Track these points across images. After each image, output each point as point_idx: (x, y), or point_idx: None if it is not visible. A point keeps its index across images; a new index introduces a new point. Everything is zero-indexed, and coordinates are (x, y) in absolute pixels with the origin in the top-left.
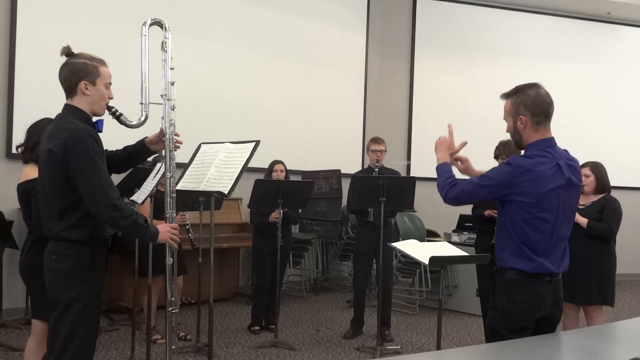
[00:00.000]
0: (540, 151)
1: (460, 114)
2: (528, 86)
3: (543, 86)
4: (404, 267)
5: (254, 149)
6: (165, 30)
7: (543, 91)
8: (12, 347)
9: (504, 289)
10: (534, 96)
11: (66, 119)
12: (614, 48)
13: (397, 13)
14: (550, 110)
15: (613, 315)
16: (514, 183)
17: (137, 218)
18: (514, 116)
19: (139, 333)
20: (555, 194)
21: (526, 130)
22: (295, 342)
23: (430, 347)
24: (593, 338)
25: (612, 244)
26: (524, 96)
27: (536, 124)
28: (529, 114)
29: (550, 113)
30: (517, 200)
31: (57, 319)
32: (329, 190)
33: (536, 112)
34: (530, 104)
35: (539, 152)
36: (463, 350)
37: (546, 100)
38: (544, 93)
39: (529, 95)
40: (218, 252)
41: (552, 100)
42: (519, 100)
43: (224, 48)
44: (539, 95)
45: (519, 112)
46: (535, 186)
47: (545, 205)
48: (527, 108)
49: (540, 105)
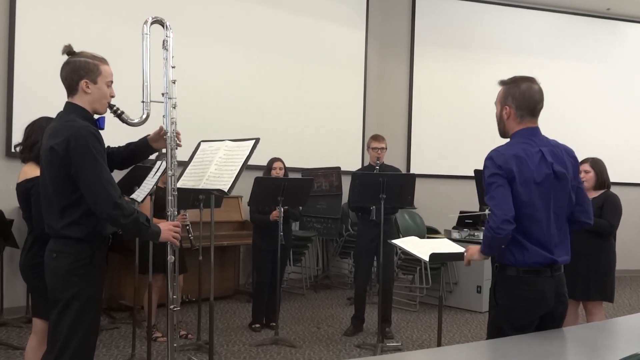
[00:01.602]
0: (523, 138)
1: (460, 112)
2: (523, 79)
3: (538, 82)
4: (404, 264)
5: (254, 147)
6: (166, 29)
7: (536, 87)
8: (13, 346)
9: (505, 286)
10: (524, 90)
11: (68, 117)
12: (614, 44)
13: (396, 11)
14: (537, 107)
15: (613, 312)
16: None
17: (139, 217)
18: (502, 104)
19: (139, 331)
20: (541, 181)
21: (509, 120)
22: (296, 339)
23: (431, 343)
24: (593, 334)
25: (612, 240)
26: (515, 88)
27: (519, 117)
28: (514, 106)
29: (536, 109)
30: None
31: (57, 316)
32: (329, 187)
33: (521, 106)
34: (517, 97)
35: (521, 139)
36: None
37: (534, 97)
38: (536, 89)
39: (519, 87)
40: (218, 250)
41: (541, 97)
42: (509, 91)
43: (224, 46)
44: (529, 90)
45: (506, 102)
46: (521, 171)
47: (534, 191)
48: (514, 100)
49: (527, 100)
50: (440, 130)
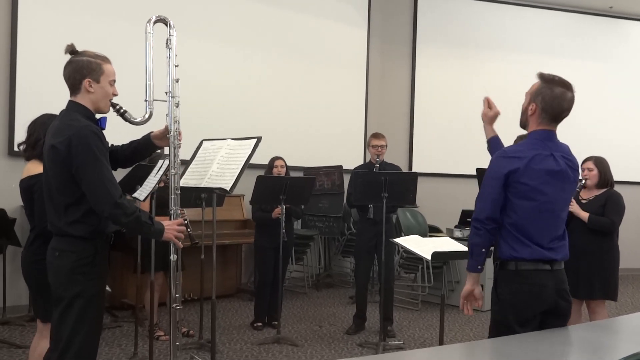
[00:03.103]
0: (538, 142)
1: (462, 110)
2: (561, 83)
3: (574, 90)
4: (406, 262)
5: (256, 145)
6: (169, 28)
7: (569, 95)
8: (16, 345)
9: (506, 282)
10: (557, 95)
11: (71, 116)
12: (617, 42)
13: (398, 9)
14: (562, 115)
15: (616, 310)
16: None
17: (140, 215)
18: (531, 99)
19: (142, 330)
20: (547, 181)
21: (532, 117)
22: (298, 338)
23: (433, 342)
24: (596, 333)
25: (615, 238)
26: (549, 90)
27: (541, 118)
28: (541, 107)
29: (559, 117)
30: (513, 187)
31: (61, 315)
32: (330, 186)
33: (547, 109)
34: (547, 99)
35: (535, 141)
36: (466, 345)
37: (563, 105)
38: (568, 97)
39: (553, 91)
40: (220, 248)
41: (570, 106)
42: (543, 90)
43: (226, 45)
44: (562, 96)
45: (536, 98)
46: (527, 171)
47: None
48: (543, 101)
49: (555, 107)
50: (442, 129)
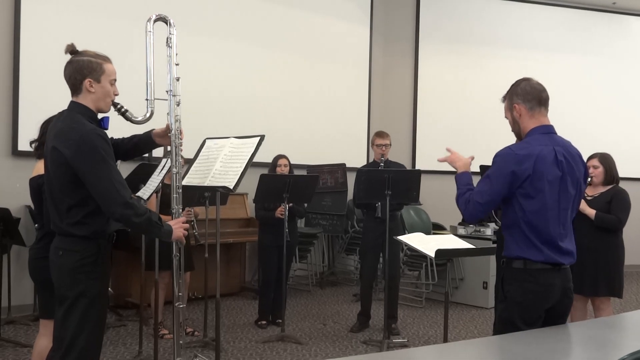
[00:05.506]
0: (539, 138)
1: (466, 107)
2: (518, 80)
3: (533, 79)
4: (410, 260)
5: (259, 144)
6: (170, 26)
7: (533, 81)
8: (21, 344)
9: (513, 280)
10: (524, 85)
11: (73, 118)
12: (620, 38)
13: (400, 6)
14: (543, 96)
15: (621, 307)
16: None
17: (151, 216)
18: (510, 108)
19: (146, 328)
20: (552, 179)
21: (522, 118)
22: (302, 336)
23: (437, 339)
24: (601, 329)
25: (621, 235)
26: (515, 87)
27: (530, 110)
28: (521, 100)
29: (543, 98)
30: (522, 187)
31: (64, 314)
32: (334, 184)
33: (528, 98)
34: (520, 92)
35: (537, 137)
36: (470, 342)
37: (537, 87)
38: (535, 82)
39: (519, 85)
40: (224, 247)
41: (543, 87)
42: (512, 90)
43: (228, 43)
44: (529, 83)
45: (512, 102)
46: (535, 170)
47: (545, 190)
48: (519, 96)
49: (531, 91)
50: (445, 126)
